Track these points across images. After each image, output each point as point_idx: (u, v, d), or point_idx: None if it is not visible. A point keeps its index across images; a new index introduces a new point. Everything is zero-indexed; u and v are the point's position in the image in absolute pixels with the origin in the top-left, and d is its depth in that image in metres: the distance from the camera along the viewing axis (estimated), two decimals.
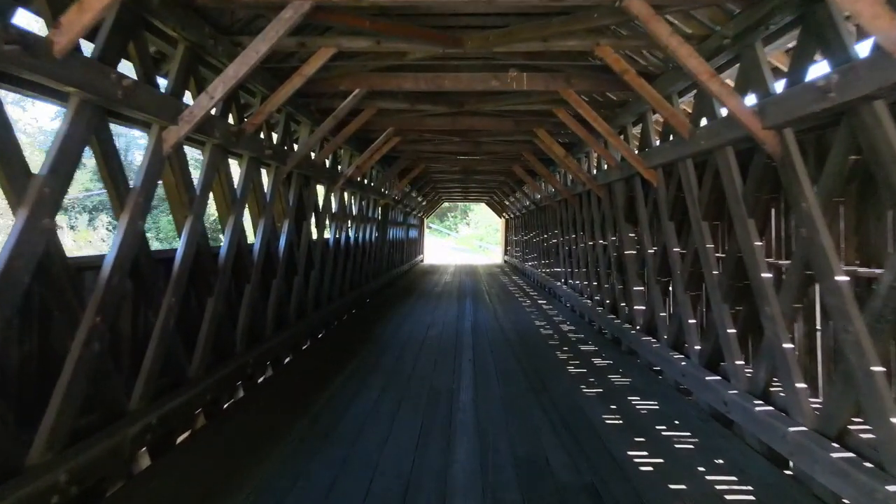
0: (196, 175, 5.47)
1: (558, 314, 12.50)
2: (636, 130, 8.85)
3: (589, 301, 11.40)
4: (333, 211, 11.00)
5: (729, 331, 5.41)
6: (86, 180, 38.45)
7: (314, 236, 9.83)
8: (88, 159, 35.09)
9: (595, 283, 10.97)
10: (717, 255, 6.22)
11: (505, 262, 32.03)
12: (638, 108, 7.82)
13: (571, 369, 7.57)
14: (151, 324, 4.73)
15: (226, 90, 4.71)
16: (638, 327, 8.09)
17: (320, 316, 9.73)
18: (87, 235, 37.70)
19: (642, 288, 8.37)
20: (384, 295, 15.82)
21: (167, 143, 4.68)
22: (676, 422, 5.51)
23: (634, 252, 8.62)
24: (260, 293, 7.07)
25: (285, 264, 7.98)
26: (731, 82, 5.39)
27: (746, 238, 5.01)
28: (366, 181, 13.92)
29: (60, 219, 41.77)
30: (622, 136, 8.58)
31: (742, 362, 5.28)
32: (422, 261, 32.30)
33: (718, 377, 5.60)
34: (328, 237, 10.88)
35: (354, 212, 13.08)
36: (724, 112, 5.32)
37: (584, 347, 8.98)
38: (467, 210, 59.35)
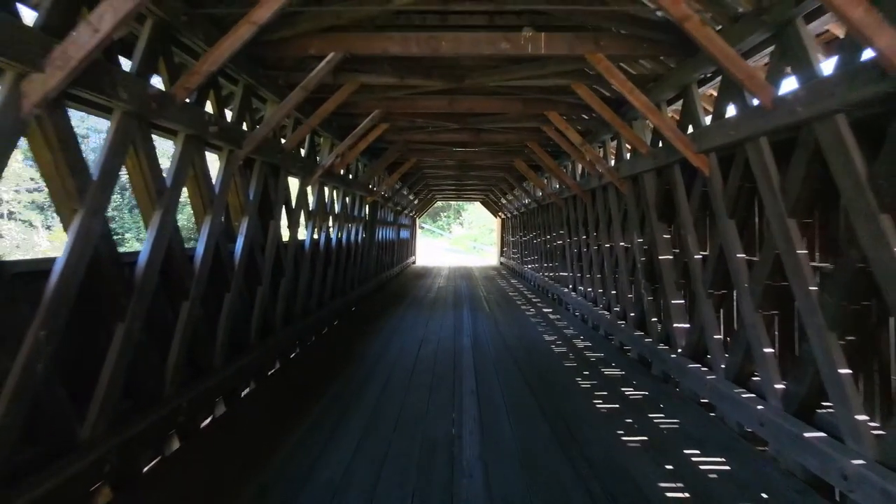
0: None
1: (568, 325, 10.95)
2: (671, 110, 7.32)
3: (606, 312, 9.86)
4: (311, 208, 9.41)
5: (840, 371, 3.87)
6: None
7: (286, 238, 8.25)
8: None
9: (614, 292, 9.43)
10: (814, 264, 4.69)
11: (501, 263, 30.40)
12: (681, 79, 6.27)
13: (599, 403, 6.04)
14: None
15: (117, 20, 3.12)
16: (679, 350, 6.55)
17: (293, 332, 8.15)
18: (63, 236, 35.70)
19: (682, 301, 6.82)
20: (372, 302, 14.23)
21: (29, 99, 3.08)
22: (764, 495, 3.98)
23: (671, 257, 7.08)
24: (205, 312, 5.47)
25: (243, 272, 6.40)
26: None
27: (877, 242, 3.48)
28: (350, 175, 12.33)
29: (35, 217, 40.02)
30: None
31: (865, 417, 3.74)
32: (414, 262, 30.64)
33: (822, 433, 4.06)
34: (305, 238, 9.29)
35: (337, 209, 11.48)
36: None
37: (607, 371, 7.44)
38: (461, 210, 57.81)
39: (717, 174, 5.70)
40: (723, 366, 5.57)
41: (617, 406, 5.97)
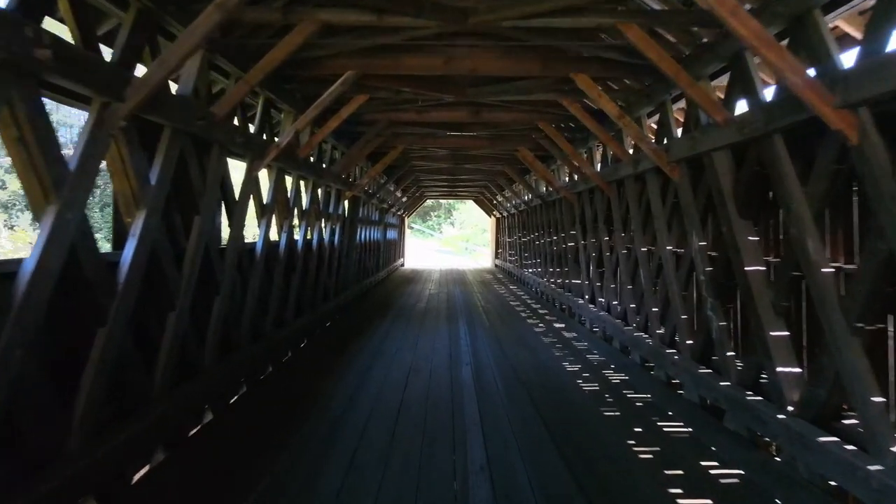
0: None
1: (590, 348, 8.83)
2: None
3: (643, 334, 7.75)
4: (265, 201, 7.22)
5: None
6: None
7: (225, 240, 6.09)
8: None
9: (655, 309, 7.30)
10: None
11: (496, 266, 28.14)
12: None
13: (676, 491, 3.89)
14: None
15: None
16: (790, 408, 4.41)
17: (235, 366, 5.97)
18: (26, 236, 33.22)
19: (786, 333, 4.69)
20: (352, 315, 12.02)
21: None
22: None
23: (762, 268, 4.96)
24: (66, 351, 3.40)
25: (140, 291, 4.23)
26: None
27: None
28: (324, 164, 10.15)
29: None
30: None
31: None
32: (402, 265, 28.28)
33: None
34: (258, 240, 7.10)
35: (305, 204, 9.30)
36: None
37: (666, 427, 5.33)
38: (452, 209, 55.54)
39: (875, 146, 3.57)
40: (893, 448, 3.43)
41: None
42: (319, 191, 10.04)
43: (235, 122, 6.38)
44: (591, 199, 10.41)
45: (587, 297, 10.82)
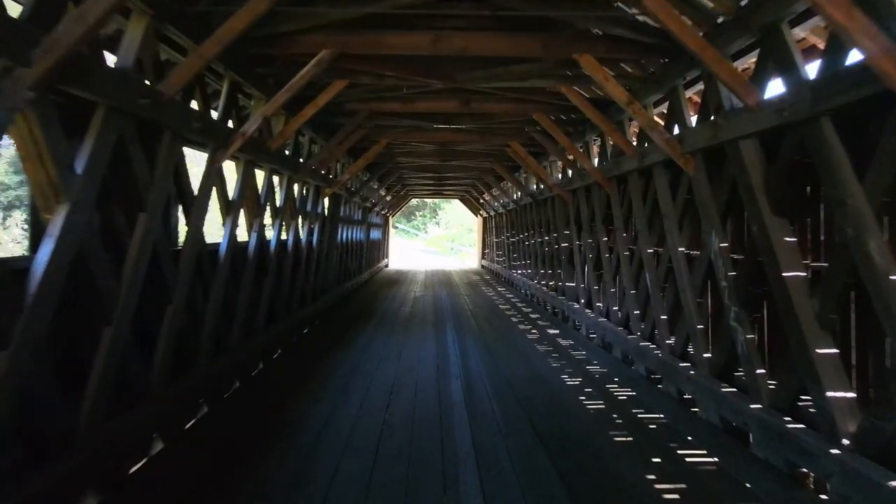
0: None
1: (589, 358, 8.14)
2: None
3: (650, 344, 7.06)
4: (230, 197, 6.43)
5: None
6: (0, 172, 32.81)
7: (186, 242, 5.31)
8: (7, 148, 29.41)
9: (664, 317, 6.60)
10: None
11: (483, 267, 27.28)
12: None
13: None
14: None
15: None
16: (844, 441, 3.71)
17: (192, 387, 5.18)
18: (4, 236, 31.85)
19: (833, 351, 3.99)
20: (332, 320, 11.23)
21: None
22: None
23: (802, 273, 4.27)
24: None
25: (62, 303, 3.44)
26: None
27: None
28: (301, 158, 9.37)
29: None
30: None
31: None
32: (387, 266, 27.35)
33: None
34: (223, 240, 6.30)
35: (279, 201, 8.51)
36: None
37: (688, 456, 4.62)
38: (437, 209, 54.79)
39: None
40: None
41: None
42: (295, 187, 9.25)
43: (196, 107, 5.58)
44: (588, 197, 9.72)
45: (583, 301, 10.14)
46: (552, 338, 9.67)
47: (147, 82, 4.40)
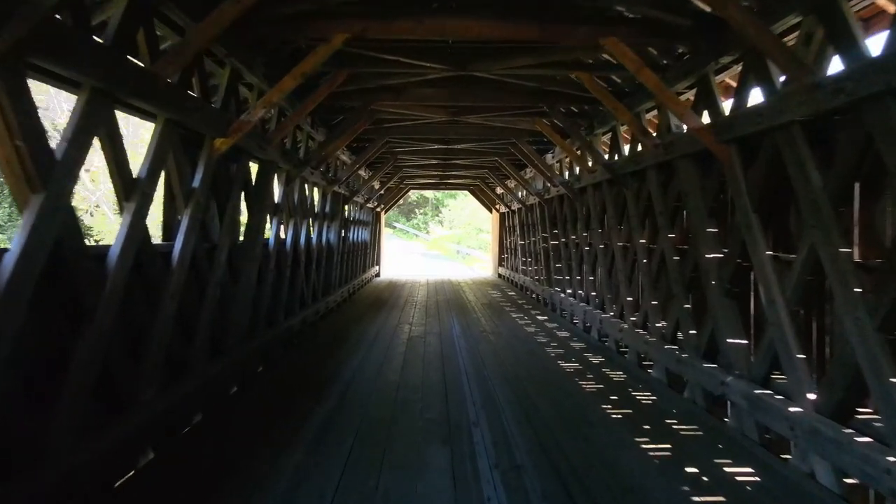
0: None
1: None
2: None
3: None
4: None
5: None
6: None
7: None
8: None
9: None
10: None
11: (501, 276, 22.98)
12: None
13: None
14: None
15: None
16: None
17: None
18: None
19: None
20: (248, 400, 6.19)
21: None
22: None
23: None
24: None
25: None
26: None
27: None
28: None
29: None
30: None
31: None
32: (377, 275, 23.09)
33: None
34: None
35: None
36: None
37: None
38: (440, 205, 51.69)
39: None
40: None
41: None
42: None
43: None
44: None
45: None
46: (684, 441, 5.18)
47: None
